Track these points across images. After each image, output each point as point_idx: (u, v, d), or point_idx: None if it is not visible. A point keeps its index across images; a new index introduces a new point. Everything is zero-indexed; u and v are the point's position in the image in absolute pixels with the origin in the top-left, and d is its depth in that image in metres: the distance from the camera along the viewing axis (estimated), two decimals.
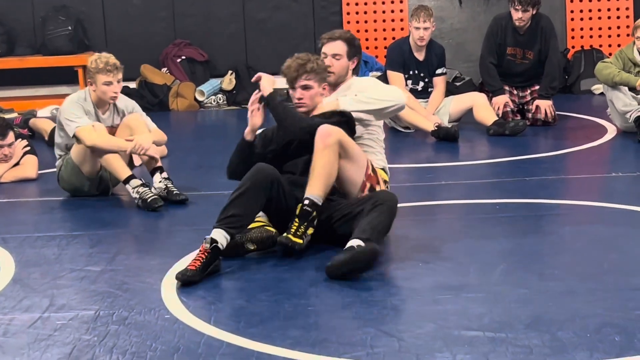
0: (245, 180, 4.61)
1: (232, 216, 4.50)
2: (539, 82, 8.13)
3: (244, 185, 4.59)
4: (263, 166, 4.68)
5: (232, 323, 3.87)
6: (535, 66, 8.15)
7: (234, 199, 4.55)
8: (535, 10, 8.04)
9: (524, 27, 8.07)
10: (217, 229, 4.48)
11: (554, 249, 4.66)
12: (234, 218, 4.50)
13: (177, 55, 10.10)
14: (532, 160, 6.83)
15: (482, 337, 3.61)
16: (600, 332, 3.60)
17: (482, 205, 5.60)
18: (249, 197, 4.55)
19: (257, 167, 4.67)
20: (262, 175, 4.62)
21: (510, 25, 8.10)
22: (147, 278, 4.47)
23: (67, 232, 5.39)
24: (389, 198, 4.61)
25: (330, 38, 5.16)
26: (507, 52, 8.15)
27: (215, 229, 4.48)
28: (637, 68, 7.39)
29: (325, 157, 4.65)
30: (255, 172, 4.64)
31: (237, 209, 4.52)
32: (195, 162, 7.18)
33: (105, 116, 6.07)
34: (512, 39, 8.12)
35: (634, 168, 6.46)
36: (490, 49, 8.16)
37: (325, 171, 4.65)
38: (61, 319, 3.98)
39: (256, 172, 4.64)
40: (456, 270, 4.42)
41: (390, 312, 3.94)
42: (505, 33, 8.12)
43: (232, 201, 4.54)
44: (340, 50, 5.11)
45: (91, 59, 6.02)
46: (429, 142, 7.60)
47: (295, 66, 4.90)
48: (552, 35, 8.15)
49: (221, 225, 4.48)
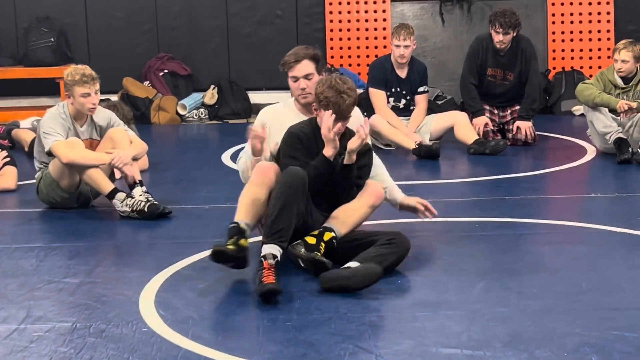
0: (285, 188, 4.50)
1: (282, 230, 4.46)
2: (519, 102, 8.18)
3: (284, 194, 4.49)
4: (297, 171, 4.58)
5: (210, 337, 3.86)
6: (516, 87, 8.20)
7: (280, 210, 4.47)
8: (516, 33, 8.10)
9: (505, 49, 8.13)
10: (270, 244, 4.41)
11: (532, 268, 4.68)
12: (283, 231, 4.46)
13: (160, 68, 10.09)
14: (512, 179, 6.86)
15: (460, 355, 3.61)
16: (578, 351, 3.62)
17: (462, 224, 5.62)
18: (292, 207, 4.50)
19: (293, 172, 4.56)
20: (299, 181, 4.56)
21: (491, 46, 8.15)
22: (125, 291, 4.46)
23: (46, 243, 5.36)
24: (404, 242, 4.67)
25: (296, 60, 4.98)
26: (488, 73, 8.20)
27: (269, 245, 4.41)
28: (618, 90, 7.45)
29: (367, 213, 4.80)
30: (293, 178, 4.54)
31: (285, 221, 4.47)
32: (176, 176, 7.17)
33: (82, 129, 6.04)
34: (493, 60, 8.17)
35: (613, 189, 6.50)
36: (471, 69, 8.21)
37: (358, 223, 4.78)
38: (38, 331, 3.95)
39: (293, 178, 4.54)
40: (435, 288, 4.43)
41: (369, 329, 3.93)
42: (486, 54, 8.17)
43: (279, 214, 4.46)
44: (310, 69, 4.99)
45: (67, 71, 5.98)
46: (410, 159, 7.62)
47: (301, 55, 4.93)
48: (533, 57, 8.21)
49: (274, 240, 4.43)
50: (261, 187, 4.68)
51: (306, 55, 5.01)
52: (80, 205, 6.11)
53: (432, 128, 8.06)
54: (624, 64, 7.36)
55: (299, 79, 4.97)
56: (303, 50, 5.05)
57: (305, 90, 4.96)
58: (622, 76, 7.41)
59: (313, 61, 5.01)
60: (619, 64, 7.38)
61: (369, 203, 4.80)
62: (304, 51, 5.04)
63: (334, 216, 4.73)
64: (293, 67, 4.99)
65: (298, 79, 4.98)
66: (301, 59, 5.00)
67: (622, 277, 4.50)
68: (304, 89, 4.96)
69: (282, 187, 4.53)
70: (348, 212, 4.74)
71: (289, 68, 5.00)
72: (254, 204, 4.66)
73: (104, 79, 6.33)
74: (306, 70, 4.98)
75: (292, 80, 5.00)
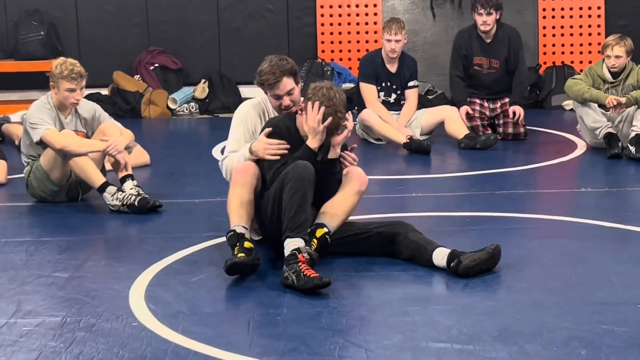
0: (299, 182, 4.48)
1: (304, 222, 4.47)
2: (508, 95, 8.24)
3: (300, 188, 4.48)
4: (306, 164, 4.56)
5: (200, 331, 3.86)
6: (504, 76, 8.29)
7: (300, 205, 4.46)
8: (499, 15, 8.21)
9: (490, 33, 8.18)
10: (295, 238, 4.41)
11: (522, 262, 4.69)
12: (305, 224, 4.48)
13: (151, 62, 10.07)
14: (502, 174, 6.87)
15: (450, 349, 3.62)
16: (567, 345, 3.63)
17: (452, 218, 5.63)
18: (308, 199, 4.51)
19: (302, 165, 4.54)
20: (310, 174, 4.55)
21: (475, 35, 8.25)
22: (115, 285, 4.45)
23: (35, 237, 5.35)
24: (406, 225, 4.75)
25: (276, 81, 4.82)
26: (474, 62, 8.28)
27: (294, 239, 4.40)
28: (607, 85, 7.46)
29: (355, 201, 4.78)
30: (304, 171, 4.52)
31: (305, 214, 4.48)
32: (167, 170, 7.16)
33: (67, 120, 6.04)
34: (478, 49, 8.27)
35: (603, 184, 6.51)
36: (455, 62, 8.33)
37: (349, 212, 4.75)
38: (27, 325, 3.95)
39: (305, 171, 4.52)
40: (425, 282, 4.43)
41: (359, 323, 3.94)
42: (469, 44, 8.28)
43: (298, 208, 4.46)
44: (290, 84, 4.88)
45: (56, 62, 5.97)
46: (401, 154, 7.63)
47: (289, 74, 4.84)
48: (520, 46, 8.33)
49: (298, 234, 4.43)
50: (244, 187, 4.68)
51: (284, 72, 4.86)
52: (69, 199, 6.11)
53: (422, 122, 8.07)
54: (617, 60, 7.37)
55: (282, 96, 4.88)
56: (279, 67, 4.87)
57: (289, 106, 4.89)
58: (614, 72, 7.42)
59: (292, 76, 4.89)
60: (612, 59, 7.38)
61: (355, 190, 4.78)
62: (280, 68, 4.86)
63: (323, 211, 4.72)
64: (273, 86, 4.86)
65: (281, 96, 4.88)
66: (280, 77, 4.85)
67: (611, 272, 4.52)
68: (288, 106, 4.88)
69: (295, 180, 4.49)
70: (336, 204, 4.74)
71: (269, 88, 4.87)
72: (243, 206, 4.66)
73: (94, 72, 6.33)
74: (288, 87, 4.87)
75: (275, 98, 4.89)
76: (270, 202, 4.65)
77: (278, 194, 4.59)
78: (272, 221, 4.68)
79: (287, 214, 4.48)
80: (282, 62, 4.90)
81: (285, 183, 4.53)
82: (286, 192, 4.51)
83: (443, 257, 4.51)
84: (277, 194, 4.60)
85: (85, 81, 5.97)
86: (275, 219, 4.64)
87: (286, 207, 4.49)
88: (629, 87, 7.40)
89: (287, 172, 4.57)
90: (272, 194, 4.64)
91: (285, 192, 4.52)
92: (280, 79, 4.85)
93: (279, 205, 4.59)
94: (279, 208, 4.59)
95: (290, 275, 4.30)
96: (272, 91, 4.88)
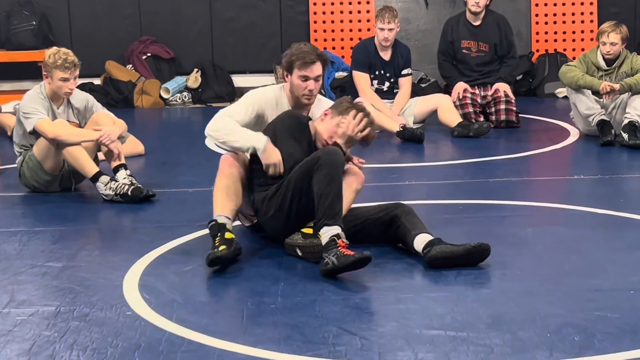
0: (333, 167, 4.45)
1: (340, 210, 4.45)
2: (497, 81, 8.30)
3: (337, 175, 4.46)
4: (337, 150, 4.57)
5: (194, 320, 3.86)
6: (493, 60, 8.41)
7: (337, 193, 4.43)
8: (489, 1, 8.35)
9: (479, 15, 8.31)
10: (334, 226, 4.37)
11: (515, 250, 4.70)
12: (341, 212, 4.46)
13: (143, 52, 10.05)
14: (495, 162, 6.87)
15: (443, 336, 3.63)
16: (561, 332, 3.64)
17: (446, 206, 5.63)
18: (341, 186, 4.51)
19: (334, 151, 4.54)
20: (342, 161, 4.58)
21: (463, 19, 8.43)
22: (108, 274, 4.45)
23: (29, 227, 5.34)
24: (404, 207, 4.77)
25: (312, 61, 4.82)
26: (462, 45, 8.39)
27: (333, 227, 4.37)
28: (600, 72, 7.46)
29: (353, 198, 4.78)
30: (337, 157, 4.51)
31: (341, 202, 4.46)
32: (160, 160, 7.15)
33: (60, 110, 6.02)
34: (466, 32, 8.40)
35: (596, 171, 6.52)
36: (442, 48, 8.49)
37: (347, 208, 4.71)
38: (21, 315, 3.95)
39: (337, 157, 4.52)
40: (418, 270, 4.44)
41: (353, 311, 3.94)
42: (457, 29, 8.42)
43: (336, 195, 4.42)
44: (320, 71, 4.87)
45: (49, 52, 5.96)
46: (394, 142, 7.63)
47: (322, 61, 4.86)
48: (510, 32, 8.52)
49: (336, 222, 4.39)
50: (230, 177, 4.68)
51: (320, 57, 4.88)
52: (62, 189, 6.10)
53: (415, 111, 8.07)
54: (612, 47, 7.36)
55: (310, 79, 4.85)
56: (317, 51, 4.89)
57: (312, 92, 4.87)
58: (609, 59, 7.42)
59: (324, 64, 4.91)
60: (607, 46, 7.37)
61: (353, 188, 4.80)
62: (317, 52, 4.89)
63: None
64: (308, 67, 4.82)
65: (309, 79, 4.85)
66: (317, 59, 4.85)
67: (604, 259, 4.53)
68: (312, 91, 4.87)
69: (330, 167, 4.46)
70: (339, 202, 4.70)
71: (302, 66, 4.83)
72: (228, 196, 4.65)
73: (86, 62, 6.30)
74: (318, 72, 4.86)
75: (302, 79, 4.84)
76: (292, 189, 4.58)
77: (301, 180, 4.54)
78: (289, 207, 4.60)
79: (323, 201, 4.41)
80: (316, 49, 4.94)
81: (317, 169, 4.46)
82: (320, 179, 4.44)
83: (422, 243, 4.49)
84: (300, 181, 4.54)
85: (79, 71, 5.96)
86: (295, 205, 4.58)
87: (322, 194, 4.42)
88: (623, 74, 7.40)
89: (317, 157, 4.51)
90: (295, 181, 4.57)
91: (320, 179, 4.45)
92: (317, 60, 4.85)
93: (300, 191, 4.55)
94: (300, 194, 4.55)
95: (330, 259, 4.27)
96: (303, 71, 4.83)
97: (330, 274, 4.28)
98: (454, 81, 8.31)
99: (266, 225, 4.79)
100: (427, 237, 4.51)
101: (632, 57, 7.45)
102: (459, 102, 8.15)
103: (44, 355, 3.53)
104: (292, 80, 4.88)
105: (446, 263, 4.39)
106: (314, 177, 4.47)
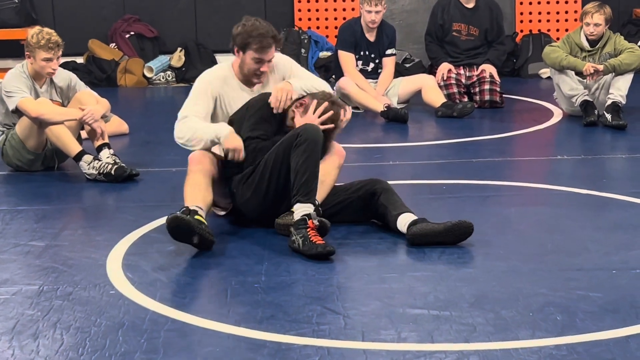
0: (312, 144, 4.43)
1: (314, 189, 4.45)
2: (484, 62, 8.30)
3: (314, 152, 4.44)
4: (317, 128, 4.55)
5: (178, 299, 3.86)
6: (481, 44, 8.40)
7: (313, 170, 4.42)
8: None
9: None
10: (306, 204, 4.37)
11: (498, 230, 4.72)
12: (315, 190, 4.46)
13: (126, 30, 9.99)
14: (479, 142, 6.89)
15: (426, 315, 3.64)
16: (543, 311, 3.66)
17: (429, 186, 5.64)
18: (318, 164, 4.50)
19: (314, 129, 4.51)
20: (321, 137, 4.54)
21: (455, 1, 8.39)
22: (92, 254, 4.44)
23: (11, 206, 5.32)
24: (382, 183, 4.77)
25: (269, 45, 4.76)
26: (453, 27, 8.37)
27: (306, 204, 4.37)
28: (584, 53, 7.47)
29: (336, 174, 4.78)
30: (316, 135, 4.49)
31: (316, 179, 4.46)
32: (143, 139, 7.13)
33: (42, 89, 5.99)
34: (458, 14, 8.39)
35: (579, 151, 6.54)
36: (431, 28, 8.46)
37: (332, 185, 4.74)
38: (4, 294, 3.94)
39: (317, 134, 4.49)
40: (401, 250, 4.45)
41: (336, 290, 3.95)
42: (448, 11, 8.40)
43: (312, 173, 4.42)
44: (274, 53, 4.85)
45: (32, 32, 5.93)
46: (378, 122, 7.63)
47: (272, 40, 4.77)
48: (501, 16, 8.50)
49: (309, 199, 4.39)
50: (200, 173, 4.66)
51: (275, 39, 4.82)
52: (46, 168, 6.07)
53: (399, 91, 8.06)
54: (596, 28, 7.36)
55: (265, 62, 4.83)
56: (273, 32, 4.81)
57: (264, 73, 4.86)
58: (593, 39, 7.43)
59: (278, 45, 4.86)
60: (591, 27, 7.37)
61: (336, 164, 4.80)
62: (273, 34, 4.81)
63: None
64: (264, 50, 4.78)
65: (264, 62, 4.82)
66: (272, 43, 4.80)
67: (587, 238, 4.55)
68: (264, 72, 4.85)
69: (309, 143, 4.44)
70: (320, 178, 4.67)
71: (259, 50, 4.78)
72: (200, 190, 4.60)
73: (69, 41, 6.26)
74: (272, 54, 4.84)
75: (255, 61, 4.81)
76: (270, 167, 4.56)
77: (281, 156, 4.52)
78: (267, 186, 4.59)
79: (299, 178, 4.41)
80: (272, 28, 4.85)
81: (297, 145, 4.45)
82: (298, 155, 4.44)
83: (406, 223, 4.50)
84: (280, 156, 4.52)
85: (62, 51, 5.93)
86: (273, 184, 4.57)
87: (298, 171, 4.42)
88: (606, 55, 7.41)
89: (296, 134, 4.49)
90: (275, 156, 4.54)
91: (297, 154, 4.44)
92: (272, 44, 4.81)
93: (280, 169, 4.53)
94: (280, 171, 4.54)
95: (297, 239, 4.30)
96: (259, 54, 4.80)
97: (295, 252, 4.32)
98: (439, 62, 8.31)
99: (244, 207, 4.75)
100: (410, 217, 4.51)
101: (615, 38, 7.47)
102: (443, 83, 8.15)
103: (27, 334, 3.53)
104: (245, 59, 4.85)
105: (427, 240, 4.41)
106: (292, 152, 4.47)
